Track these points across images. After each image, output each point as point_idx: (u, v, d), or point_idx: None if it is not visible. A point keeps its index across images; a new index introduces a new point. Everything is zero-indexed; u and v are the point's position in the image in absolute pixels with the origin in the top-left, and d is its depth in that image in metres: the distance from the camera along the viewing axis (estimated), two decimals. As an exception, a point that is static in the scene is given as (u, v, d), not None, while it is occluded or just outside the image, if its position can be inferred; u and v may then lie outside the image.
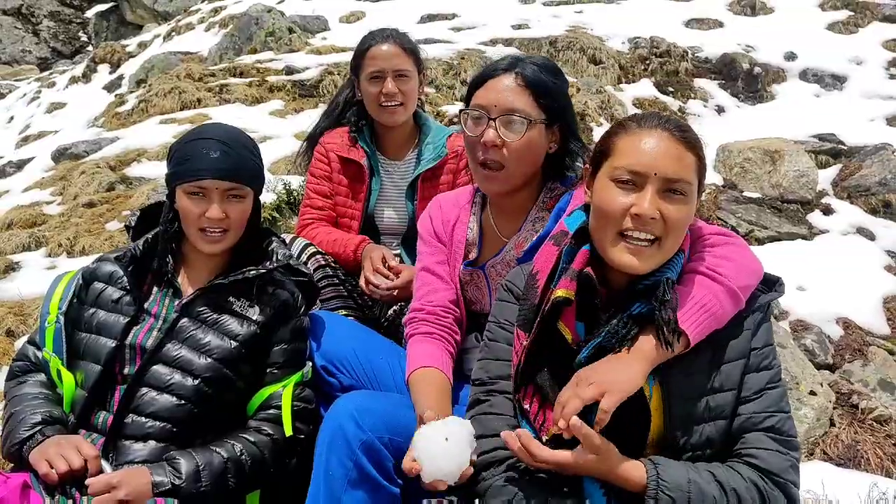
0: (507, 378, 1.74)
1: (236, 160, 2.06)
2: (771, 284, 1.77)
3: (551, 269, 1.72)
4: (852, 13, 8.45)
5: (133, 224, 2.21)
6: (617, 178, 1.63)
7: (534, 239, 2.06)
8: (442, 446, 1.64)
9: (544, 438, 1.60)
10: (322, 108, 5.41)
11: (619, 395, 1.52)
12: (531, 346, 1.67)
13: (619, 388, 1.52)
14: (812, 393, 3.14)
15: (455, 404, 2.03)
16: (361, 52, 2.90)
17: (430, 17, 9.30)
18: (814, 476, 2.65)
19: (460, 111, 2.12)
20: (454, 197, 2.31)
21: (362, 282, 2.66)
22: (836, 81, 7.30)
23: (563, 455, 1.54)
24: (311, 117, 5.32)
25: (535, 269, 1.77)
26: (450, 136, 2.96)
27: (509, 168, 2.02)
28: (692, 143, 1.65)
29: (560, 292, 1.64)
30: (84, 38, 19.29)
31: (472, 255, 2.20)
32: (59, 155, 6.58)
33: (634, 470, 1.55)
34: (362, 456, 1.75)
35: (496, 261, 2.15)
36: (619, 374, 1.54)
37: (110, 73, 11.95)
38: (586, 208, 1.76)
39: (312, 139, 3.07)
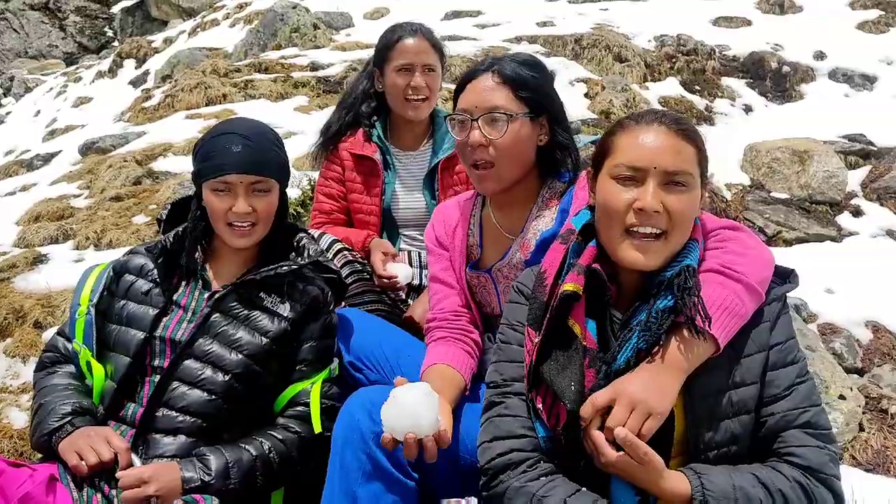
0: (521, 380, 1.73)
1: (259, 153, 2.06)
2: (784, 276, 1.76)
3: (559, 267, 1.72)
4: (883, 12, 8.34)
5: (164, 217, 2.21)
6: (618, 176, 1.65)
7: (538, 238, 2.06)
8: (389, 408, 1.69)
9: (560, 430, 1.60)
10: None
11: (661, 419, 1.53)
12: (542, 344, 1.66)
13: (660, 412, 1.53)
14: (841, 397, 3.10)
15: (475, 403, 2.02)
16: (390, 44, 2.90)
17: (455, 14, 9.29)
18: (842, 481, 2.61)
19: (446, 118, 2.14)
20: (455, 201, 2.32)
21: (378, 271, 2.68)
22: (865, 81, 7.20)
23: (609, 451, 1.53)
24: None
25: (544, 267, 1.77)
26: None
27: (499, 165, 2.02)
28: (690, 135, 1.66)
29: (568, 286, 1.64)
30: (110, 33, 19.45)
31: (474, 257, 2.20)
32: (87, 149, 6.63)
33: (677, 481, 1.54)
34: (376, 449, 1.75)
35: (502, 264, 2.14)
36: (658, 396, 1.54)
37: (136, 68, 12.04)
38: (592, 208, 1.76)
39: (328, 138, 3.04)
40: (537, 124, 2.06)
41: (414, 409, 1.68)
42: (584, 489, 1.59)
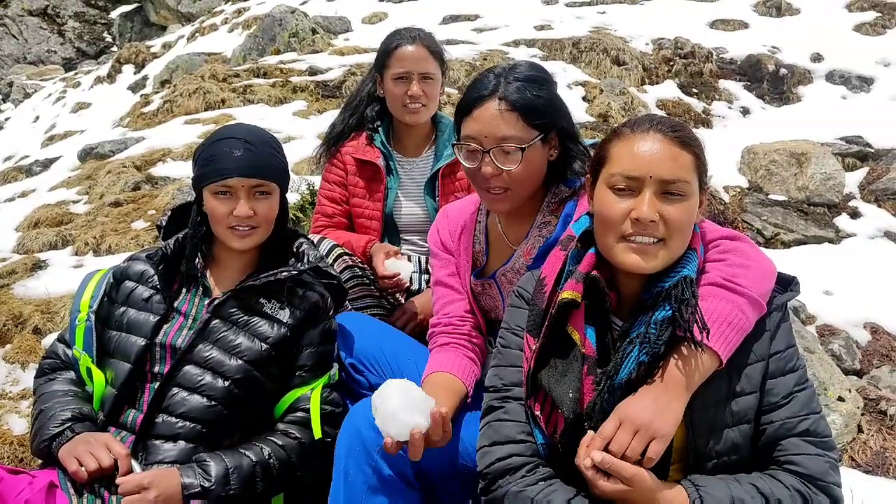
0: (521, 384, 1.73)
1: (260, 157, 2.07)
2: (786, 284, 1.75)
3: (558, 273, 1.71)
4: (879, 14, 8.38)
5: (164, 224, 2.22)
6: (614, 185, 1.63)
7: (541, 244, 2.05)
8: (380, 408, 1.68)
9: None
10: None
11: (666, 441, 1.53)
12: (541, 351, 1.66)
13: (665, 434, 1.52)
14: (840, 399, 3.10)
15: (477, 410, 2.02)
16: (388, 51, 2.90)
17: (453, 18, 9.32)
18: (842, 483, 2.62)
19: (453, 144, 2.08)
20: (461, 206, 2.30)
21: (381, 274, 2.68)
22: (863, 83, 7.23)
23: (592, 476, 1.53)
24: (334, 118, 5.34)
25: (543, 274, 1.76)
26: None
27: (514, 189, 1.99)
28: (687, 142, 1.63)
29: (566, 294, 1.63)
30: (108, 38, 19.50)
31: (480, 264, 2.20)
32: (86, 154, 6.65)
33: (674, 494, 1.53)
34: (381, 461, 1.75)
35: (506, 269, 2.14)
36: (663, 418, 1.53)
37: (135, 73, 12.08)
38: (592, 214, 1.75)
39: (332, 139, 3.07)
40: (548, 143, 2.02)
41: (408, 402, 1.67)
42: (582, 494, 1.59)
